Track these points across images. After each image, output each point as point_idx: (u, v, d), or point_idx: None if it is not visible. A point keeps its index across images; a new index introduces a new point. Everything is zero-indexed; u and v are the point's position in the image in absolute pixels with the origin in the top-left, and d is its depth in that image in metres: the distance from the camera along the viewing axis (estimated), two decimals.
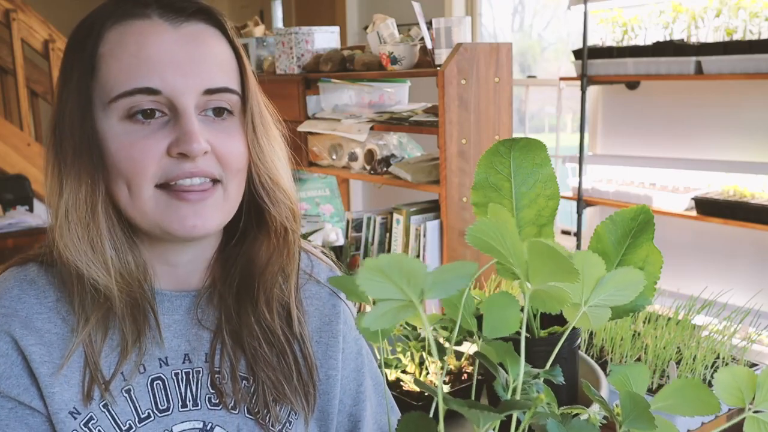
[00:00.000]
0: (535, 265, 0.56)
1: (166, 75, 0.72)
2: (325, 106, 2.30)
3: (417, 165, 1.99)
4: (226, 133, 0.77)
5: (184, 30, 0.75)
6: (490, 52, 1.86)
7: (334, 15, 4.51)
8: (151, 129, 0.73)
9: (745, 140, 2.80)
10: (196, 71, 0.74)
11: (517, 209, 1.01)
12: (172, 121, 0.74)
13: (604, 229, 0.99)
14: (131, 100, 0.72)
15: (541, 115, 4.30)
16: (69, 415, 0.74)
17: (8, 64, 4.19)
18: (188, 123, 0.73)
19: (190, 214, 0.75)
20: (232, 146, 0.77)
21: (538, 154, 0.99)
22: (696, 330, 1.38)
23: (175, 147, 0.73)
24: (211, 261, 0.85)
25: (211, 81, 0.75)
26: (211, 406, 0.81)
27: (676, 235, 3.00)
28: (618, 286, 0.65)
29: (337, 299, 0.94)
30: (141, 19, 0.74)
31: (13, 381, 0.73)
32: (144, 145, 0.73)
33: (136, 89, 0.72)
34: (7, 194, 3.59)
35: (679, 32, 2.73)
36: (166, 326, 0.80)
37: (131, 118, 0.73)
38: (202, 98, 0.75)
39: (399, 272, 0.49)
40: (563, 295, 0.59)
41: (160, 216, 0.75)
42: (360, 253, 2.15)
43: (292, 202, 0.85)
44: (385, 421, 0.96)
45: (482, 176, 1.01)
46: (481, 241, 0.56)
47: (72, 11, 4.99)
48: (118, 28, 0.74)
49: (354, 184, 4.24)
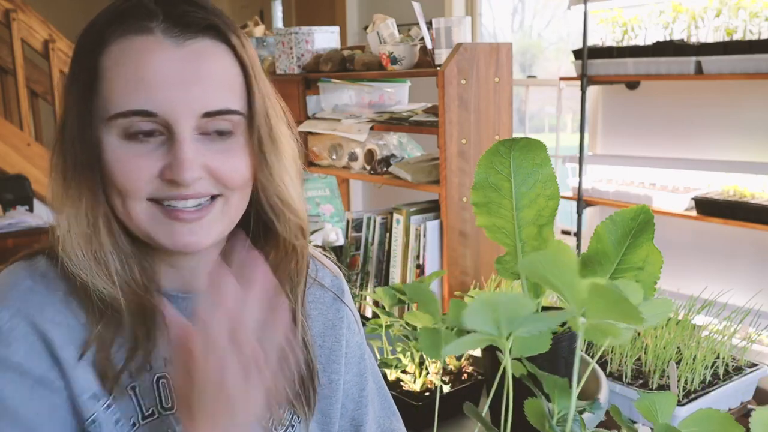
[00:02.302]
0: (596, 306, 0.55)
1: (162, 97, 0.70)
2: (325, 106, 2.30)
3: (417, 165, 1.99)
4: (227, 153, 0.75)
5: (187, 49, 0.72)
6: (490, 52, 1.86)
7: (334, 15, 4.51)
8: (148, 148, 0.72)
9: (745, 140, 2.80)
10: (195, 93, 0.72)
11: (517, 209, 1.01)
12: (168, 143, 0.72)
13: (604, 229, 0.99)
14: (128, 121, 0.71)
15: (541, 115, 4.30)
16: (91, 398, 0.74)
17: (8, 64, 4.19)
18: (181, 150, 0.71)
19: (184, 231, 0.74)
20: (232, 166, 0.75)
21: (538, 154, 0.99)
22: (696, 330, 1.38)
23: (168, 172, 0.72)
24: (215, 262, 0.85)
25: (210, 103, 0.72)
26: None
27: (676, 235, 3.00)
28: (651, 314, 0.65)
29: (340, 303, 0.94)
30: (144, 34, 0.72)
31: (36, 361, 0.72)
32: (139, 163, 0.72)
33: (132, 111, 0.71)
34: (7, 194, 3.58)
35: (679, 32, 2.73)
36: None
37: (130, 137, 0.72)
38: (202, 120, 0.73)
39: (506, 309, 0.49)
40: (615, 329, 0.58)
41: (152, 230, 0.74)
42: (360, 253, 2.15)
43: (302, 219, 0.83)
44: (388, 425, 0.96)
45: (482, 176, 1.01)
46: (537, 273, 0.55)
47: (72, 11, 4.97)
48: (120, 43, 0.72)
49: (354, 184, 4.24)
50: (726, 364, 1.36)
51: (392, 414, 0.98)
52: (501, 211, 1.02)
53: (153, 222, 0.74)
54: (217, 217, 0.76)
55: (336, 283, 0.96)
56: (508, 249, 1.06)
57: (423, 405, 1.28)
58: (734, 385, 1.31)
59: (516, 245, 1.04)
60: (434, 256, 1.90)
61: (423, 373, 1.36)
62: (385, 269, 2.06)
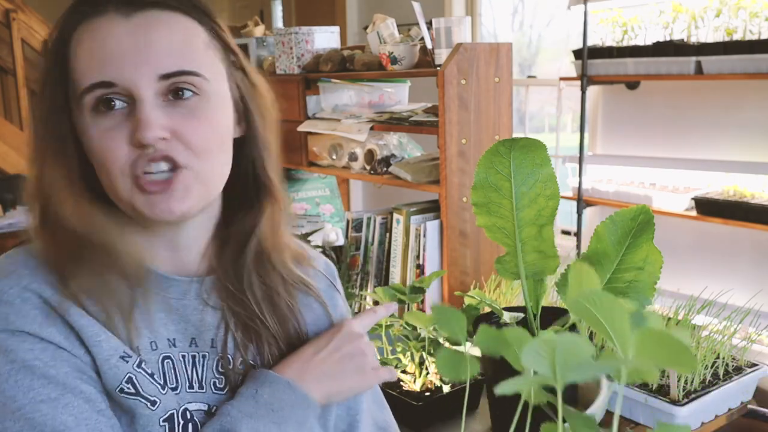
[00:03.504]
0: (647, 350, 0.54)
1: (118, 66, 0.74)
2: (325, 106, 2.30)
3: (417, 165, 1.99)
4: (190, 115, 0.77)
5: (136, 19, 0.75)
6: (490, 52, 1.86)
7: (334, 15, 4.51)
8: (116, 120, 0.75)
9: (745, 140, 2.80)
10: (146, 59, 0.74)
11: (517, 209, 1.01)
12: (133, 111, 0.75)
13: (604, 229, 0.99)
14: (92, 96, 0.74)
15: (541, 115, 4.30)
16: (121, 359, 0.75)
17: (8, 64, 4.19)
18: (141, 111, 0.74)
19: (157, 200, 0.76)
20: (198, 128, 0.77)
21: (538, 154, 0.99)
22: (696, 330, 1.38)
23: (133, 136, 0.74)
24: (208, 243, 0.87)
25: (164, 66, 0.75)
26: (215, 390, 0.82)
27: (676, 235, 3.00)
28: None
29: (334, 291, 0.97)
30: (99, 15, 0.76)
31: (53, 328, 0.74)
32: (110, 136, 0.75)
33: (93, 84, 0.74)
34: (7, 194, 3.59)
35: (679, 32, 2.73)
36: (173, 309, 0.82)
37: (98, 112, 0.75)
38: (161, 84, 0.75)
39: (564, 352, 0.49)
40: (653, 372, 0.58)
41: (134, 201, 0.77)
42: (360, 253, 2.15)
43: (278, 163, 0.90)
44: (381, 416, 0.98)
45: (482, 176, 1.01)
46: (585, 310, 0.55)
47: None
48: (80, 28, 0.76)
49: (354, 184, 4.24)
50: (726, 364, 1.36)
51: (383, 407, 1.00)
52: (501, 211, 1.02)
53: (132, 194, 0.76)
54: (188, 186, 0.77)
55: (329, 270, 1.00)
56: (508, 249, 1.06)
57: (423, 405, 1.28)
58: (734, 385, 1.31)
59: (516, 245, 1.04)
60: (434, 256, 1.90)
61: (423, 373, 1.36)
62: (385, 269, 2.06)
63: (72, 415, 0.71)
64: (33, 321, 0.73)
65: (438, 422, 1.30)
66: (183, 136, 0.76)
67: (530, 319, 1.09)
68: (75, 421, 0.71)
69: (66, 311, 0.74)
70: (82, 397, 0.73)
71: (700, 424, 1.27)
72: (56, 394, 0.71)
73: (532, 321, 1.09)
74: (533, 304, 1.10)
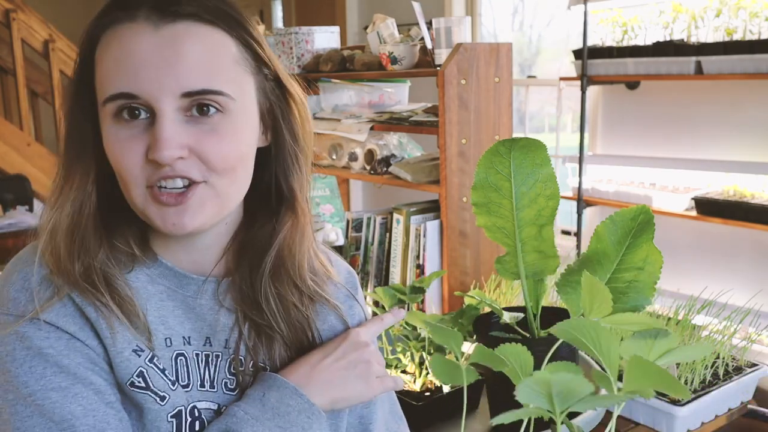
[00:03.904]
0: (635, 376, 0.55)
1: (142, 78, 0.72)
2: (325, 106, 2.30)
3: (417, 165, 1.99)
4: (213, 133, 0.75)
5: (165, 31, 0.73)
6: (490, 52, 1.86)
7: (334, 15, 4.51)
8: (135, 131, 0.74)
9: (745, 140, 2.80)
10: (171, 75, 0.73)
11: (517, 209, 1.01)
12: (152, 125, 0.74)
13: (604, 229, 0.99)
14: (115, 105, 0.74)
15: (541, 115, 4.30)
16: (133, 353, 0.76)
17: (8, 64, 4.19)
18: (160, 129, 0.73)
19: (170, 213, 0.76)
20: (218, 147, 0.76)
21: (538, 154, 0.99)
22: (696, 330, 1.38)
23: (150, 152, 0.74)
24: (227, 246, 0.87)
25: (189, 83, 0.73)
26: (227, 390, 0.83)
27: (676, 235, 3.00)
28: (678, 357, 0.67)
29: (353, 301, 0.96)
30: (128, 22, 0.74)
31: (69, 318, 0.75)
32: (129, 146, 0.74)
33: (115, 95, 0.73)
34: (7, 194, 3.59)
35: (679, 32, 2.73)
36: (190, 308, 0.83)
37: (118, 121, 0.74)
38: (183, 101, 0.74)
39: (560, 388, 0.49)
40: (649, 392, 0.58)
41: (148, 213, 0.77)
42: (360, 253, 2.15)
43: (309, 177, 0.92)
44: (396, 428, 0.97)
45: (482, 176, 1.01)
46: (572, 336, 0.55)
47: (72, 11, 4.97)
48: (109, 33, 0.75)
49: (354, 184, 4.24)
50: (726, 364, 1.36)
51: (399, 419, 0.99)
52: (501, 211, 1.02)
53: (147, 205, 0.76)
54: (204, 200, 0.77)
55: (350, 280, 0.99)
56: (508, 249, 1.06)
57: (423, 405, 1.28)
58: (734, 385, 1.31)
59: (516, 245, 1.04)
60: (434, 256, 1.90)
61: (423, 373, 1.36)
62: (385, 269, 2.06)
63: (80, 405, 0.72)
64: (50, 310, 0.75)
65: (438, 422, 1.30)
66: (202, 153, 0.75)
67: (530, 319, 1.09)
68: (83, 411, 0.72)
69: (82, 303, 0.75)
70: (92, 388, 0.74)
71: (700, 424, 1.27)
72: (67, 384, 0.73)
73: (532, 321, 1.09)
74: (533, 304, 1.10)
